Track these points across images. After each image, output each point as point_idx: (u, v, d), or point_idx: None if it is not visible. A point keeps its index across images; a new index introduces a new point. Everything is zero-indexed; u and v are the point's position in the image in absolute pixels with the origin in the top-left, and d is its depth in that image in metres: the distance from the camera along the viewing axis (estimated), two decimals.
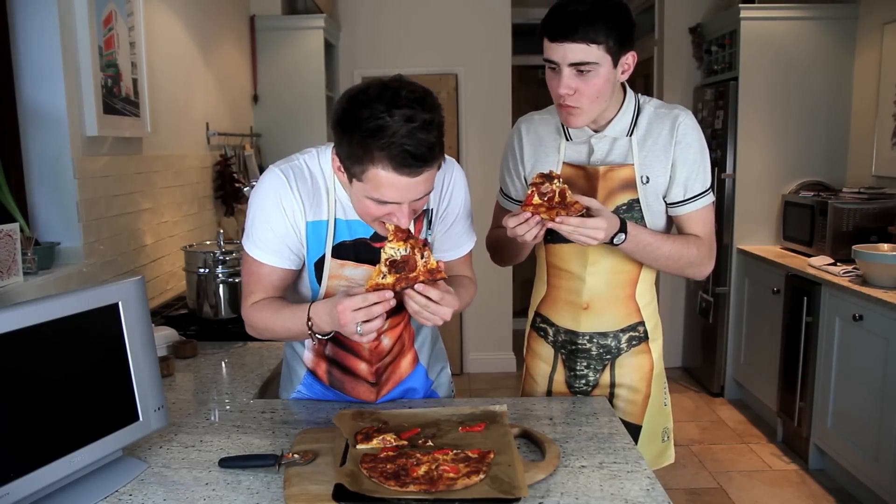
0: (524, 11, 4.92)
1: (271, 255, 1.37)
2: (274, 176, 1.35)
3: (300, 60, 3.91)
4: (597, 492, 1.15)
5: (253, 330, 1.43)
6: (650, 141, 1.53)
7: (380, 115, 1.14)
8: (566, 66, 1.41)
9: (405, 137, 1.14)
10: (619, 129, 1.53)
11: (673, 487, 3.07)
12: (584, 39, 1.38)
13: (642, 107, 1.55)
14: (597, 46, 1.39)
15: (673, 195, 1.54)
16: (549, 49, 1.43)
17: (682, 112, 1.54)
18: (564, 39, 1.39)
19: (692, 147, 1.52)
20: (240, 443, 1.36)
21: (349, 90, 1.22)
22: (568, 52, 1.39)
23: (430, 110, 1.17)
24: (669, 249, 1.50)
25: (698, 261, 1.54)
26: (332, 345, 1.51)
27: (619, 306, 1.60)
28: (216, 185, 3.24)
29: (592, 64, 1.40)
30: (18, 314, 1.09)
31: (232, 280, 2.23)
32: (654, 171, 1.52)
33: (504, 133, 4.51)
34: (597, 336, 1.61)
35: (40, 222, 2.03)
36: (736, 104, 3.94)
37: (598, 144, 1.55)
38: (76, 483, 1.19)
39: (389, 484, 1.11)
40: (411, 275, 1.22)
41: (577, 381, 1.65)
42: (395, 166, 1.17)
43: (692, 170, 1.52)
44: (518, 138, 1.65)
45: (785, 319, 3.47)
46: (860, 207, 3.39)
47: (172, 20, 2.80)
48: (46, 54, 1.95)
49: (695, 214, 1.55)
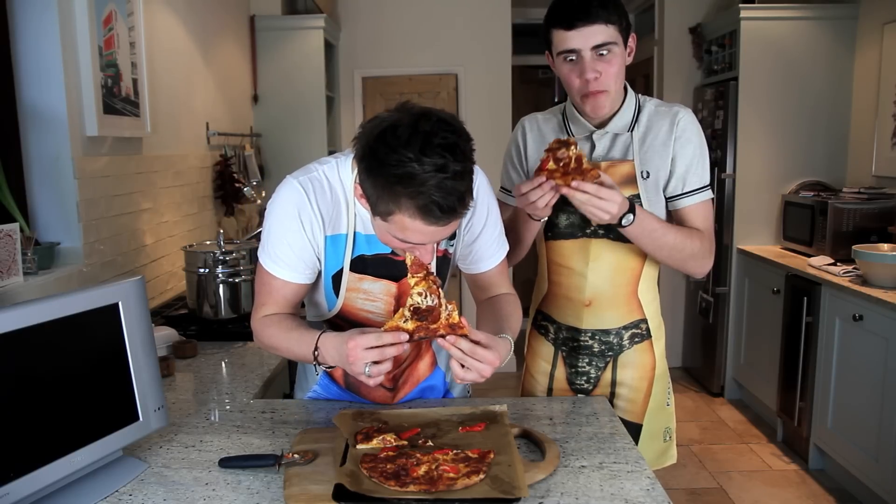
0: (524, 11, 4.92)
1: (286, 269, 1.33)
2: (293, 189, 1.30)
3: (300, 60, 3.91)
4: (597, 492, 1.15)
5: (259, 342, 1.40)
6: (650, 137, 1.54)
7: (409, 163, 1.06)
8: (588, 51, 1.44)
9: (435, 189, 1.07)
10: (621, 125, 1.55)
11: (673, 487, 3.07)
12: (602, 20, 1.42)
13: (643, 105, 1.58)
14: (613, 26, 1.44)
15: (671, 188, 1.55)
16: (566, 39, 1.45)
17: (682, 109, 1.56)
18: (584, 24, 1.42)
19: (692, 141, 1.54)
20: (240, 443, 1.36)
21: (377, 122, 1.12)
22: (589, 36, 1.43)
23: (462, 158, 1.09)
24: (674, 238, 1.50)
25: (700, 254, 1.54)
26: None
27: (621, 303, 1.60)
28: (216, 185, 3.24)
29: (611, 44, 1.44)
30: (18, 314, 1.09)
31: (232, 280, 2.23)
32: (654, 166, 1.53)
33: (504, 133, 4.51)
34: (599, 333, 1.61)
35: (40, 222, 2.03)
36: (736, 104, 3.94)
37: (600, 140, 1.56)
38: (76, 483, 1.19)
39: (389, 484, 1.11)
40: (432, 326, 1.18)
41: (579, 377, 1.65)
42: (422, 216, 1.10)
43: (691, 163, 1.54)
44: (522, 135, 1.68)
45: (785, 319, 3.47)
46: (860, 207, 3.39)
47: (172, 20, 2.80)
48: (46, 54, 1.95)
49: (694, 208, 1.56)
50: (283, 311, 1.38)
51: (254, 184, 3.45)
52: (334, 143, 4.36)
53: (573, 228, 1.58)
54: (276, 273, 1.33)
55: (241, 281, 2.24)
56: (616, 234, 1.54)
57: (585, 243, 1.57)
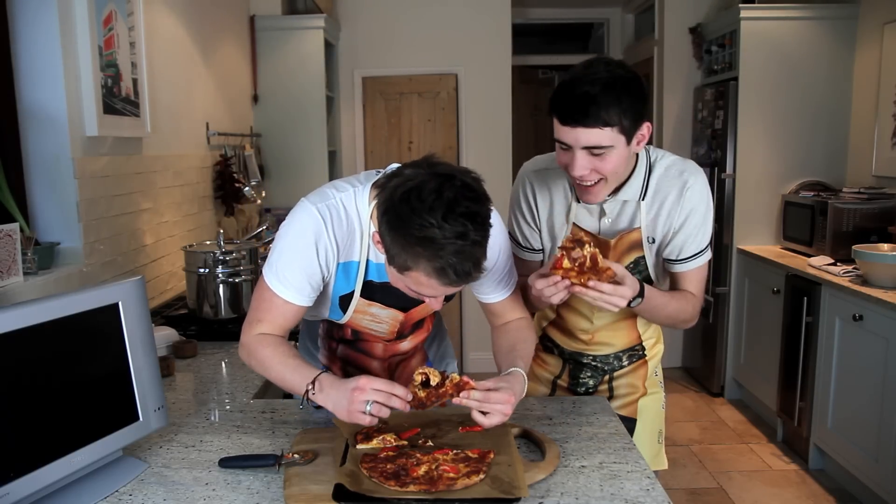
0: (524, 11, 4.92)
1: (292, 290, 1.32)
2: (311, 215, 1.30)
3: (300, 60, 3.91)
4: (597, 492, 1.15)
5: (246, 357, 1.37)
6: (657, 203, 1.50)
7: (431, 228, 1.09)
8: (579, 149, 1.35)
9: (453, 254, 1.11)
10: (632, 192, 1.49)
11: (673, 487, 3.07)
12: (598, 123, 1.31)
13: (653, 166, 1.50)
14: (611, 129, 1.32)
15: (666, 253, 1.53)
16: (560, 131, 1.36)
17: (692, 176, 1.48)
18: (576, 124, 1.32)
19: (697, 212, 1.49)
20: (240, 443, 1.36)
21: (402, 180, 1.14)
22: (581, 136, 1.33)
23: (481, 226, 1.13)
24: (673, 308, 1.52)
25: (690, 317, 1.57)
26: (343, 347, 1.54)
27: (621, 335, 1.66)
28: (216, 185, 3.24)
29: (607, 147, 1.34)
30: (18, 314, 1.09)
31: (232, 280, 2.23)
32: (658, 232, 1.52)
33: (504, 133, 4.52)
34: (600, 357, 1.69)
35: (40, 222, 2.03)
36: (736, 104, 3.94)
37: (611, 209, 1.52)
38: (76, 483, 1.19)
39: (389, 484, 1.11)
40: (441, 390, 1.25)
41: (578, 386, 1.71)
42: (437, 277, 1.14)
43: (690, 234, 1.50)
44: (531, 192, 1.59)
45: (785, 319, 3.47)
46: (860, 207, 3.39)
47: (172, 20, 2.80)
48: (46, 54, 1.95)
49: (689, 273, 1.55)
50: (278, 331, 1.36)
51: (254, 184, 3.45)
52: (334, 143, 4.36)
53: None
54: (280, 293, 1.32)
55: (241, 281, 2.24)
56: None
57: None
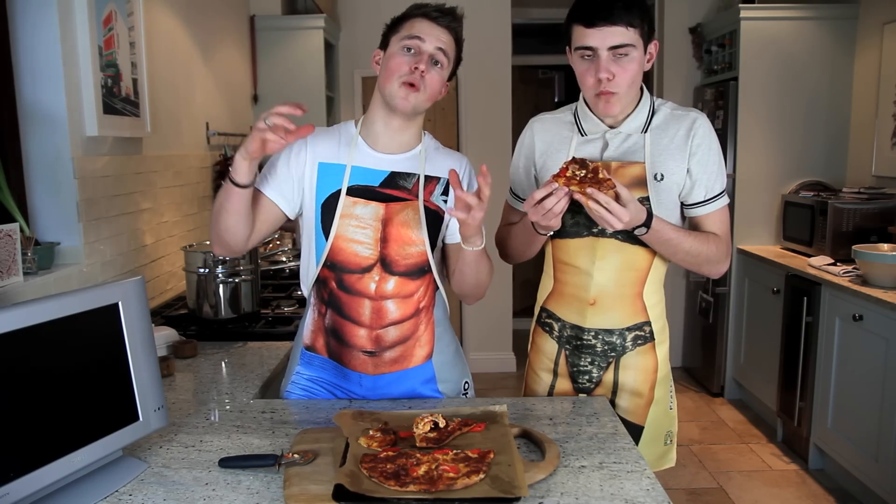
0: (524, 11, 4.92)
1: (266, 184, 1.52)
2: None
3: (300, 60, 3.91)
4: (597, 492, 1.15)
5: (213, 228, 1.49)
6: (665, 139, 1.54)
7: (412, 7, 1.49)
8: (605, 51, 1.44)
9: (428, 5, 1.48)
10: (635, 125, 1.55)
11: (673, 487, 3.07)
12: (623, 22, 1.42)
13: (657, 108, 1.58)
14: (634, 30, 1.43)
15: (694, 196, 1.56)
16: (585, 36, 1.45)
17: (700, 115, 1.57)
18: (604, 23, 1.42)
19: (712, 149, 1.54)
20: (240, 443, 1.36)
21: None
22: (608, 36, 1.43)
23: None
24: (690, 245, 1.52)
25: (716, 258, 1.56)
26: (331, 312, 1.53)
27: (625, 304, 1.60)
28: (216, 185, 3.24)
29: (630, 47, 1.44)
30: (18, 314, 1.09)
31: (232, 280, 2.23)
32: (669, 170, 1.53)
33: (504, 133, 4.51)
34: (602, 332, 1.61)
35: (40, 222, 2.03)
36: (736, 104, 3.94)
37: (613, 140, 1.56)
38: (76, 483, 1.19)
39: (389, 484, 1.11)
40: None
41: (581, 376, 1.65)
42: (423, 13, 1.46)
43: (713, 171, 1.55)
44: (530, 135, 1.68)
45: (785, 319, 3.47)
46: (860, 207, 3.39)
47: (172, 20, 2.80)
48: (46, 54, 1.95)
49: (713, 215, 1.58)
50: None
51: None
52: None
53: (579, 227, 1.58)
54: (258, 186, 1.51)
55: (241, 281, 2.24)
56: (624, 235, 1.54)
57: (592, 242, 1.57)
